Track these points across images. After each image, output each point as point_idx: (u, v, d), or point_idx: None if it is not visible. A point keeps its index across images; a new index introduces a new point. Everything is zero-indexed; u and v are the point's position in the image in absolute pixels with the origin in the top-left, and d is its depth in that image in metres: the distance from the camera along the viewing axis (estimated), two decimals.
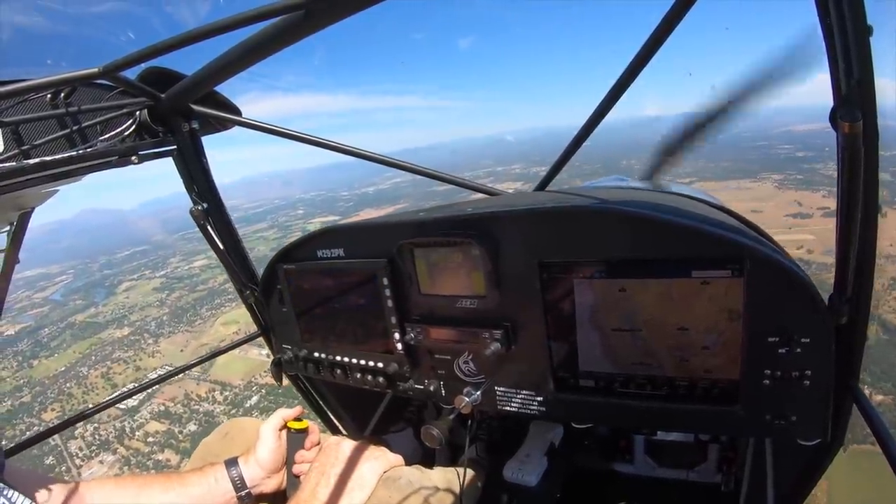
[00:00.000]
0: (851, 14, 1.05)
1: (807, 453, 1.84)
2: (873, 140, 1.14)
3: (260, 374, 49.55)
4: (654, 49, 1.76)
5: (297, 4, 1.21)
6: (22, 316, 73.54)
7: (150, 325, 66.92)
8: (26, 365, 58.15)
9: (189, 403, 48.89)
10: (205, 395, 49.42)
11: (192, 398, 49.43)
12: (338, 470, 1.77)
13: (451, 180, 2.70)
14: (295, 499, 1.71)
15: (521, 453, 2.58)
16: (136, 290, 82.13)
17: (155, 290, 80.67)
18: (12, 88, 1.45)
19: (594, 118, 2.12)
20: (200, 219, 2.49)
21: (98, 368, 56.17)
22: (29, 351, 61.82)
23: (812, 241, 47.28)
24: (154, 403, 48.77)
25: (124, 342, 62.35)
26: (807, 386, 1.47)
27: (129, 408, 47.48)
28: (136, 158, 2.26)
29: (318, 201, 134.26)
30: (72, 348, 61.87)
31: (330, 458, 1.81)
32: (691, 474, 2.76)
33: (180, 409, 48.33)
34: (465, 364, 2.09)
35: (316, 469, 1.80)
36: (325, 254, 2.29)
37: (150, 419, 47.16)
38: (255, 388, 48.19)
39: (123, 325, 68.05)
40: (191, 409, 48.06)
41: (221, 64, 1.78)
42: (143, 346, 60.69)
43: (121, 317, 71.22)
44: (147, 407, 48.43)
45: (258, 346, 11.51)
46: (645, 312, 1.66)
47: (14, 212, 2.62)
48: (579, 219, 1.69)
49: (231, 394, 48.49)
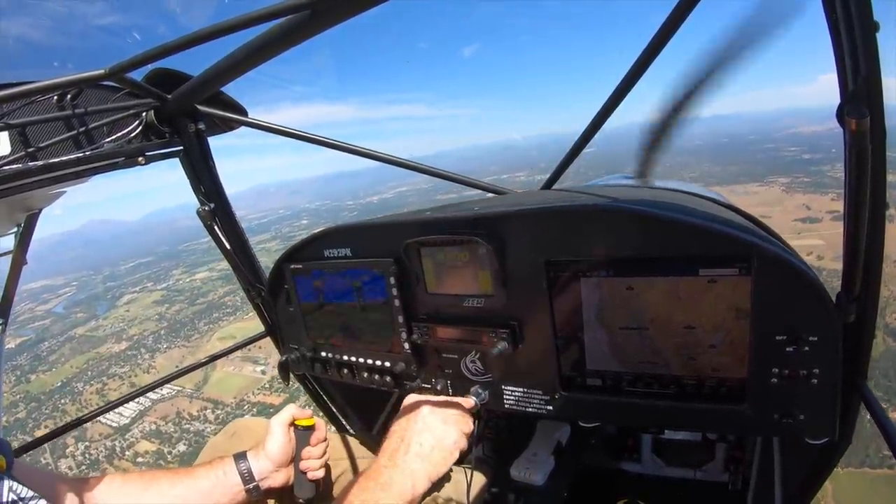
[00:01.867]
0: (858, 10, 1.04)
1: (814, 452, 1.83)
2: (881, 137, 1.13)
3: (252, 391, 49.31)
4: (659, 49, 1.75)
5: (303, 4, 1.21)
6: (24, 329, 73.68)
7: (148, 340, 66.43)
8: (24, 380, 57.91)
9: (181, 422, 48.27)
10: (196, 414, 48.79)
11: (183, 416, 48.82)
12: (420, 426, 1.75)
13: (457, 179, 2.70)
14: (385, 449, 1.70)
15: (528, 452, 2.59)
16: (137, 303, 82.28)
17: (155, 302, 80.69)
18: (19, 90, 1.46)
19: (601, 116, 2.12)
20: (207, 219, 2.49)
21: (93, 384, 55.69)
22: (28, 365, 61.70)
23: (822, 247, 46.54)
24: (146, 422, 48.28)
25: (121, 357, 61.92)
26: (815, 384, 1.46)
27: (121, 426, 47.11)
28: (143, 159, 2.27)
29: (323, 211, 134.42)
30: (69, 363, 61.62)
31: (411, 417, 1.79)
32: (699, 473, 2.76)
33: (171, 427, 47.72)
34: (472, 363, 2.09)
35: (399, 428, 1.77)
36: (332, 253, 2.29)
37: (141, 438, 46.57)
38: (248, 407, 47.68)
39: (122, 339, 67.83)
40: (181, 429, 47.46)
41: (227, 64, 1.79)
42: (138, 362, 60.14)
43: (119, 331, 71.11)
44: (139, 425, 47.93)
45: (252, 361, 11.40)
46: (652, 311, 1.66)
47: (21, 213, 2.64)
48: (586, 217, 1.68)
49: (223, 412, 47.71)
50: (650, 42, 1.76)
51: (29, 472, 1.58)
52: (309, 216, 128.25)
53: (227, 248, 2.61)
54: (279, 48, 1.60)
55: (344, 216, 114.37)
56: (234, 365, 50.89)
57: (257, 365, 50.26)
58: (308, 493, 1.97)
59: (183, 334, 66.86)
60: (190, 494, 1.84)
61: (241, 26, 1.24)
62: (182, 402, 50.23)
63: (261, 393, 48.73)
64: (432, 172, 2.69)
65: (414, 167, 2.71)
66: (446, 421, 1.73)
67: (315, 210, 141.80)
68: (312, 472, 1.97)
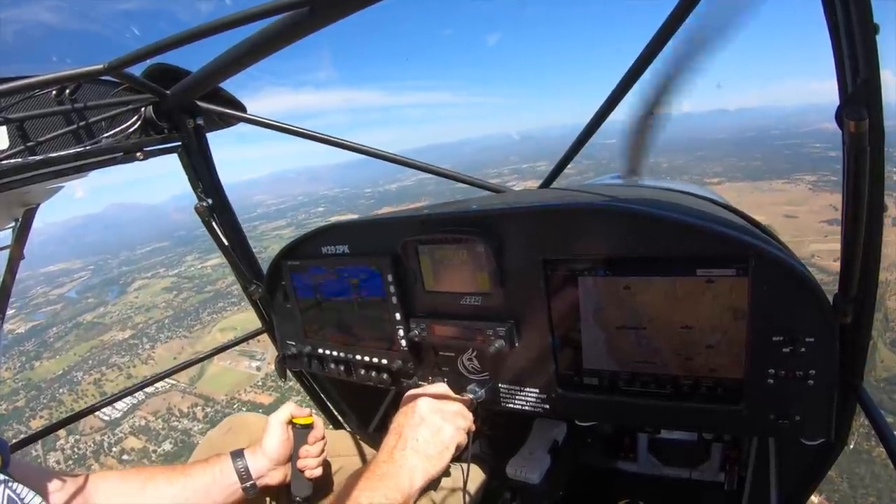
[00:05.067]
0: (857, 12, 1.04)
1: (811, 453, 1.84)
2: (880, 139, 1.13)
3: (244, 389, 48.93)
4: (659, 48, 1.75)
5: (302, 1, 1.21)
6: (36, 314, 73.33)
7: (151, 329, 65.93)
8: (28, 367, 57.59)
9: (169, 419, 47.81)
10: (186, 411, 48.33)
11: (173, 413, 48.32)
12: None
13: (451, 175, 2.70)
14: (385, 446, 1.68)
15: (524, 451, 2.59)
16: (146, 290, 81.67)
17: (164, 289, 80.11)
18: (18, 85, 1.46)
19: (600, 115, 2.12)
20: (205, 215, 2.49)
21: (92, 374, 55.26)
22: (33, 351, 61.34)
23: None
24: (137, 416, 47.87)
25: (123, 346, 61.53)
26: (811, 385, 1.46)
27: (113, 420, 46.71)
28: (142, 155, 2.27)
29: (341, 198, 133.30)
30: (73, 350, 61.32)
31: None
32: (695, 473, 2.76)
33: (160, 424, 47.29)
34: (470, 361, 2.09)
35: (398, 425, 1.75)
36: (329, 250, 2.29)
37: (130, 434, 46.16)
38: (238, 405, 47.01)
39: (127, 326, 67.37)
40: (169, 426, 47.00)
41: (226, 60, 1.78)
42: (138, 352, 59.76)
43: (126, 318, 70.64)
44: (129, 420, 47.50)
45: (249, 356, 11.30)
46: (649, 310, 1.66)
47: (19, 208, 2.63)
48: (583, 216, 1.68)
49: (212, 410, 47.36)
50: (650, 41, 1.75)
51: (26, 469, 1.58)
52: (327, 203, 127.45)
53: (225, 244, 2.60)
54: (278, 44, 1.60)
55: (361, 204, 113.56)
56: (231, 359, 50.56)
57: (253, 360, 49.87)
58: (305, 492, 1.97)
59: (186, 324, 66.41)
60: (187, 493, 1.84)
61: (240, 22, 1.24)
62: (174, 398, 49.81)
63: (252, 391, 48.40)
64: (427, 169, 2.69)
65: (408, 163, 2.72)
66: (444, 417, 1.72)
67: (333, 197, 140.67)
68: (310, 471, 1.97)
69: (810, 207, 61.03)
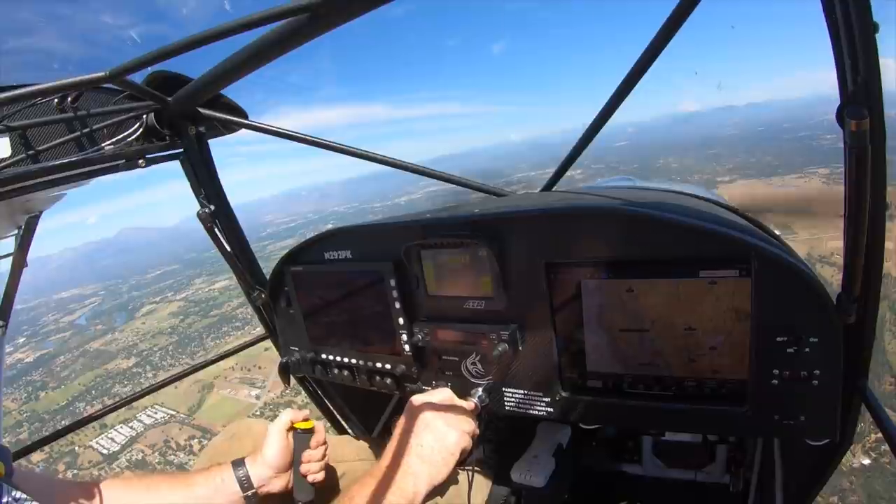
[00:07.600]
0: (857, 11, 1.04)
1: (815, 453, 1.83)
2: (881, 138, 1.13)
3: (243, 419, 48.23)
4: (659, 50, 1.76)
5: (303, 7, 1.22)
6: (45, 342, 72.94)
7: (155, 357, 65.17)
8: (34, 398, 57.18)
9: (166, 452, 47.08)
10: (183, 444, 47.50)
11: (170, 445, 47.58)
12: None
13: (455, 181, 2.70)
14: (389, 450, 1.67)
15: (528, 454, 2.58)
16: (154, 315, 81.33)
17: (171, 314, 79.73)
18: (20, 93, 1.46)
19: (601, 118, 2.12)
20: (207, 222, 2.49)
21: (94, 405, 53.47)
22: (40, 381, 60.83)
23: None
24: (135, 450, 47.47)
25: (126, 375, 60.75)
26: (815, 386, 1.46)
27: (111, 454, 46.32)
28: (144, 162, 2.28)
29: (350, 214, 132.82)
30: (78, 380, 60.70)
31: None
32: (699, 475, 2.75)
33: (157, 458, 46.55)
34: (473, 365, 2.09)
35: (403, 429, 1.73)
36: (332, 255, 2.29)
37: (126, 468, 45.28)
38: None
39: (132, 354, 66.63)
40: (166, 460, 46.24)
41: (227, 67, 1.79)
42: (141, 382, 58.07)
43: (132, 345, 70.01)
44: (127, 454, 47.09)
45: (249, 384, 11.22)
46: (652, 313, 1.65)
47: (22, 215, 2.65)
48: (586, 219, 1.68)
49: (209, 443, 46.84)
50: (651, 42, 1.76)
51: (28, 477, 1.58)
52: (336, 219, 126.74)
53: (228, 250, 2.61)
54: (279, 51, 1.60)
55: (370, 219, 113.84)
56: (231, 387, 50.44)
57: (253, 388, 49.40)
58: (308, 496, 1.97)
59: (189, 351, 65.55)
60: (188, 502, 1.84)
61: (241, 29, 1.24)
62: (172, 429, 49.30)
63: (251, 419, 47.26)
64: (432, 174, 2.69)
65: (414, 169, 2.71)
66: (448, 422, 1.71)
67: (343, 213, 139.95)
68: (312, 475, 1.97)
69: (824, 201, 59.82)
